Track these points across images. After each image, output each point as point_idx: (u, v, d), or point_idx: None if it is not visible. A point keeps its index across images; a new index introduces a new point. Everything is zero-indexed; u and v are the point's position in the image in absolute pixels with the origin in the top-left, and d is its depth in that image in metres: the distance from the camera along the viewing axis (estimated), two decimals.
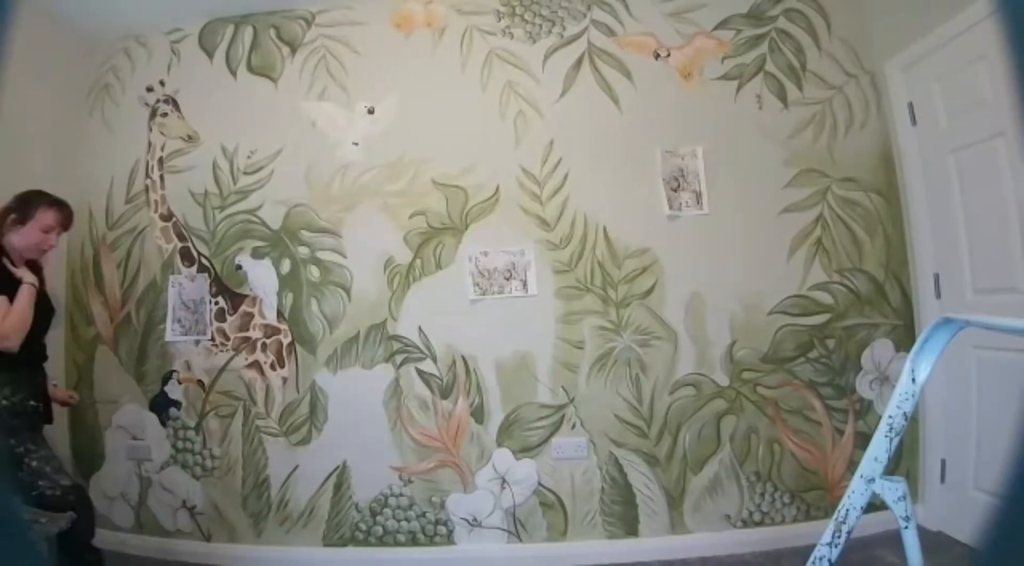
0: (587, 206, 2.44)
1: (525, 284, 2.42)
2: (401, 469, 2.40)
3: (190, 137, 2.62)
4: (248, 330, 2.49)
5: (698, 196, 2.43)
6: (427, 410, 2.42)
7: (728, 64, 2.50)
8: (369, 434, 2.40)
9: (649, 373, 2.37)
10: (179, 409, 2.50)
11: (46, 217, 1.85)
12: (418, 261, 2.47)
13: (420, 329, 2.44)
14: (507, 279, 2.43)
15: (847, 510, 1.17)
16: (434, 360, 2.43)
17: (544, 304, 2.41)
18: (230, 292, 2.52)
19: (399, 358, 2.44)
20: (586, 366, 2.38)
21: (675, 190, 2.44)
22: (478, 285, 2.43)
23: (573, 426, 2.36)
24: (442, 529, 2.37)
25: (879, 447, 1.17)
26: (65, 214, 1.91)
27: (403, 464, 2.40)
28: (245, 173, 2.57)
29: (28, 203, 1.83)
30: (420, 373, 2.43)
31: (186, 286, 2.53)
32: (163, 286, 2.55)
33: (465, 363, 2.41)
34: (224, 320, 2.50)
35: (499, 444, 2.38)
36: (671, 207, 2.42)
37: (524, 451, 2.37)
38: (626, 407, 2.36)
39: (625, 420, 2.36)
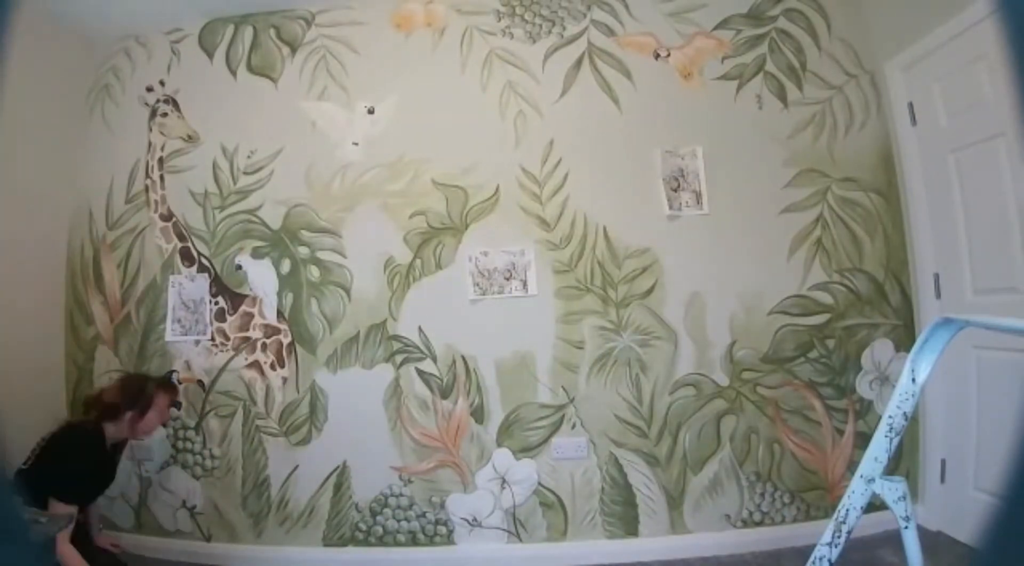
0: (587, 206, 2.44)
1: (525, 284, 2.42)
2: (401, 469, 2.40)
3: (190, 137, 2.62)
4: (248, 330, 2.49)
5: (698, 196, 2.43)
6: (427, 410, 2.42)
7: (728, 64, 2.50)
8: (369, 434, 2.40)
9: (649, 373, 2.37)
10: (179, 409, 2.49)
11: (162, 401, 2.01)
12: (418, 261, 2.46)
13: (420, 329, 2.44)
14: (507, 279, 2.43)
15: (847, 510, 1.17)
16: (434, 360, 2.43)
17: (544, 304, 2.41)
18: (230, 292, 2.52)
19: (399, 358, 2.43)
20: (586, 366, 2.38)
21: (675, 190, 2.44)
22: (478, 285, 2.43)
23: (573, 426, 2.36)
24: (442, 529, 2.37)
25: (879, 447, 1.17)
26: (175, 391, 2.17)
27: (403, 464, 2.40)
28: (245, 173, 2.57)
29: (141, 393, 1.95)
30: (420, 373, 2.43)
31: (186, 286, 2.53)
32: (163, 286, 2.55)
33: (465, 363, 2.41)
34: (224, 320, 2.50)
35: (499, 444, 2.38)
36: (671, 207, 2.42)
37: (524, 451, 2.37)
38: (626, 407, 2.36)
39: (625, 420, 2.36)
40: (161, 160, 2.63)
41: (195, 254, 2.55)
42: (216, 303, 2.51)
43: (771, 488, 2.33)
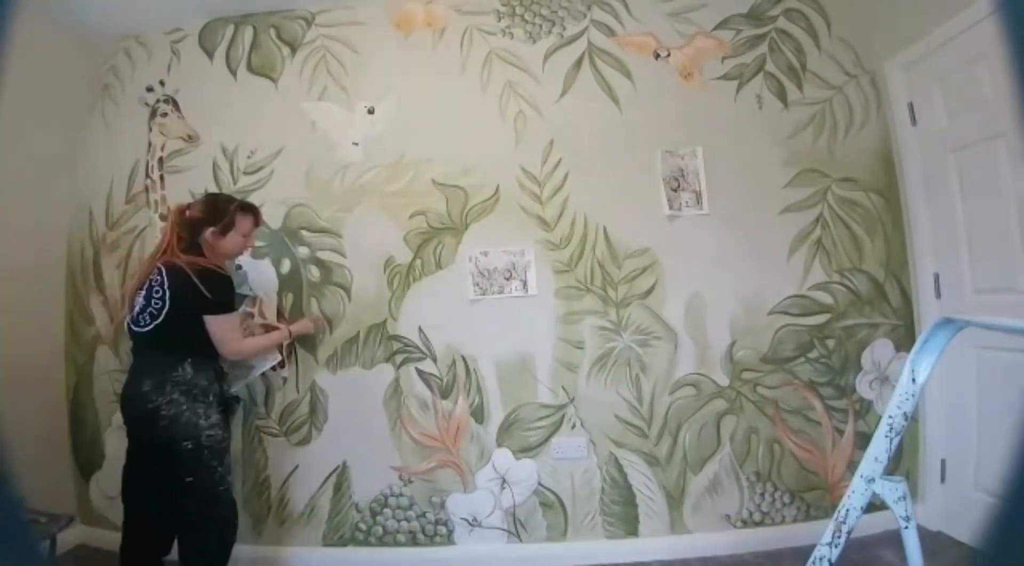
0: (587, 206, 2.44)
1: (525, 284, 2.42)
2: (401, 469, 2.40)
3: (190, 137, 2.62)
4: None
5: (698, 196, 2.43)
6: (427, 410, 2.42)
7: (728, 64, 2.50)
8: (369, 434, 2.40)
9: (649, 373, 2.37)
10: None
11: (245, 224, 1.99)
12: (418, 261, 2.46)
13: (420, 329, 2.44)
14: (507, 279, 2.43)
15: (847, 510, 1.18)
16: (434, 360, 2.43)
17: (544, 304, 2.41)
18: None
19: (399, 358, 2.43)
20: (586, 366, 2.38)
21: (675, 190, 2.44)
22: (478, 285, 2.43)
23: (573, 426, 2.36)
24: (442, 529, 2.37)
25: (879, 447, 1.17)
26: (258, 216, 2.07)
27: (403, 464, 2.40)
28: (245, 173, 2.57)
29: (221, 211, 1.93)
30: (420, 373, 2.43)
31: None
32: None
33: (465, 363, 2.41)
34: None
35: (499, 444, 2.38)
36: (671, 207, 2.42)
37: (524, 451, 2.37)
38: (626, 407, 2.36)
39: (625, 420, 2.36)
40: (161, 160, 2.63)
41: None
42: None
43: (771, 488, 2.34)
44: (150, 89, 2.68)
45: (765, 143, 2.45)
